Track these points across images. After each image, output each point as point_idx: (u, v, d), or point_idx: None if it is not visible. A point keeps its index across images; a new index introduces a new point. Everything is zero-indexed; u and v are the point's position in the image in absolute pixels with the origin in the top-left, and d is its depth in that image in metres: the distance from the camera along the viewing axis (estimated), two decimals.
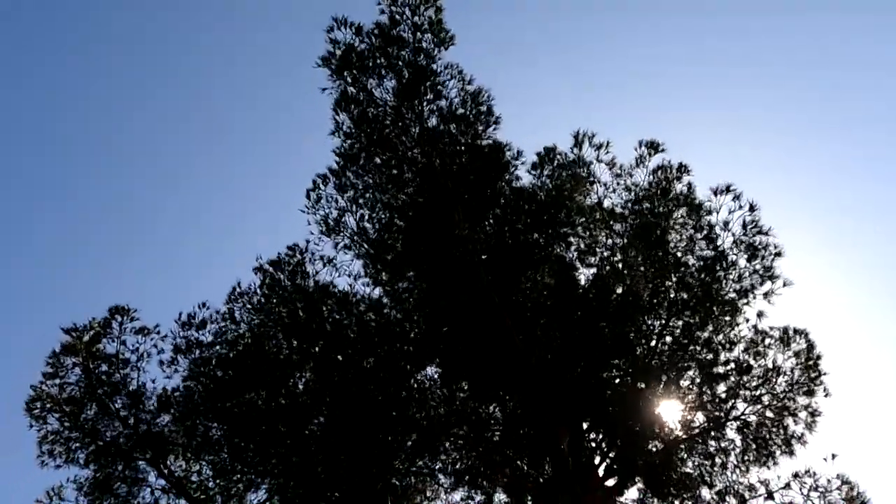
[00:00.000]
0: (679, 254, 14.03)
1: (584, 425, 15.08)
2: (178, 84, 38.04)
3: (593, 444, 15.08)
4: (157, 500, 13.25)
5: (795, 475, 13.56)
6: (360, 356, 14.65)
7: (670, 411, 14.84)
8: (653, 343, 14.45)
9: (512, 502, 15.16)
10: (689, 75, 36.41)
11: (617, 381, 14.84)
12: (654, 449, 14.58)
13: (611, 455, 14.99)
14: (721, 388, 14.51)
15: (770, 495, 13.47)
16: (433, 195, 14.38)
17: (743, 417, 14.45)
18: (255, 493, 13.94)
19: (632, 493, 15.37)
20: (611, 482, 14.75)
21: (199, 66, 38.36)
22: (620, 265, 14.62)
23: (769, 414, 14.43)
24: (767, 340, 14.36)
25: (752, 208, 13.65)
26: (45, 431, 13.42)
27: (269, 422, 13.79)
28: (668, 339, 14.50)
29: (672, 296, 14.13)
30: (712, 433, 14.63)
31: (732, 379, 14.35)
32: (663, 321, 14.32)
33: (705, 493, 14.60)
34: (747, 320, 14.46)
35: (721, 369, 14.33)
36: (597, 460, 14.74)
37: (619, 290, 14.62)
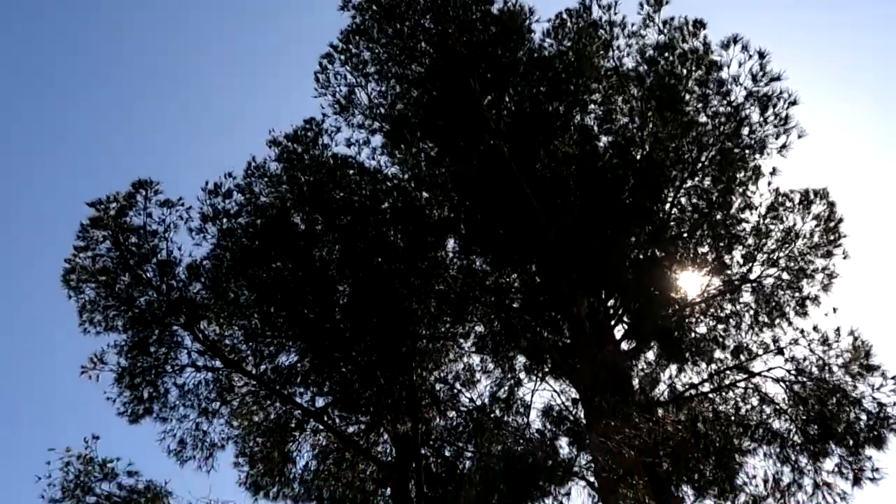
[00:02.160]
0: (695, 113, 13.79)
1: (602, 292, 15.43)
2: None
3: (611, 311, 15.47)
4: (194, 361, 13.86)
5: (801, 331, 13.80)
6: (381, 228, 14.92)
7: (686, 276, 15.07)
8: (668, 207, 14.50)
9: (531, 365, 15.76)
10: None
11: (634, 247, 15.03)
12: (670, 313, 14.90)
13: (627, 320, 15.40)
14: (738, 252, 14.64)
15: (780, 350, 13.79)
16: (448, 65, 14.18)
17: (758, 280, 14.62)
18: (287, 355, 14.56)
19: (648, 356, 15.95)
20: (626, 346, 15.24)
21: None
22: (637, 130, 14.50)
23: (785, 276, 14.54)
24: (787, 203, 14.30)
25: (761, 55, 13.16)
26: (83, 301, 13.90)
27: (296, 289, 14.24)
28: (685, 202, 14.54)
29: (688, 157, 14.02)
30: (727, 296, 14.87)
31: (750, 242, 14.44)
32: (678, 184, 14.31)
33: (718, 353, 15.00)
34: (769, 183, 14.36)
35: (738, 231, 14.38)
36: (613, 324, 15.18)
37: (638, 157, 14.57)
